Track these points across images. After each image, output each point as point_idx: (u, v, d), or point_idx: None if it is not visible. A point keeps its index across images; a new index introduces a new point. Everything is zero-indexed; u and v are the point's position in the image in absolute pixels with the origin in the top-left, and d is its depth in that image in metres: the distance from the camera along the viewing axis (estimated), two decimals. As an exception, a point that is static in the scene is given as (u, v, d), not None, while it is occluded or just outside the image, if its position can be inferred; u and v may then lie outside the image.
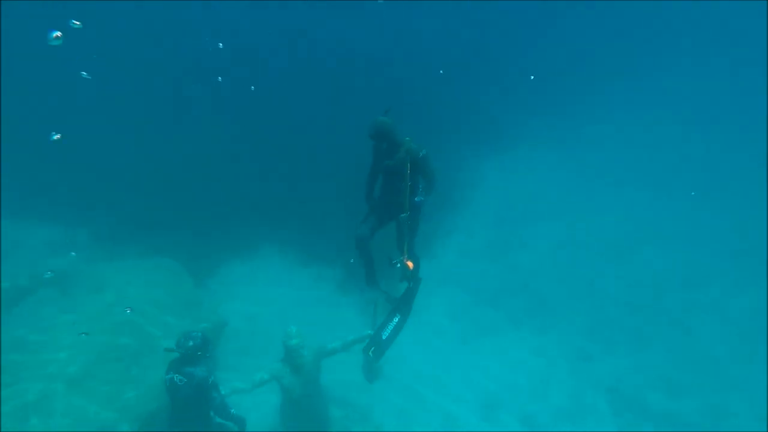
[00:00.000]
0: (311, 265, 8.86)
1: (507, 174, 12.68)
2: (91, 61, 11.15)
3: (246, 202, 9.52)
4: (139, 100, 10.67)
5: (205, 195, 9.29)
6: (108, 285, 6.52)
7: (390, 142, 4.44)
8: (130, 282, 6.61)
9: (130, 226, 8.48)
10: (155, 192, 9.02)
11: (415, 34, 13.72)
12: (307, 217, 9.43)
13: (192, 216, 8.84)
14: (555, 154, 13.42)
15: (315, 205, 9.57)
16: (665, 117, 14.79)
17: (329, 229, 9.01)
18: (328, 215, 9.17)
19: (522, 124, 13.64)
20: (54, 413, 4.73)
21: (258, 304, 7.85)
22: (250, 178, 10.01)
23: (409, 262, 4.56)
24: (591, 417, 7.36)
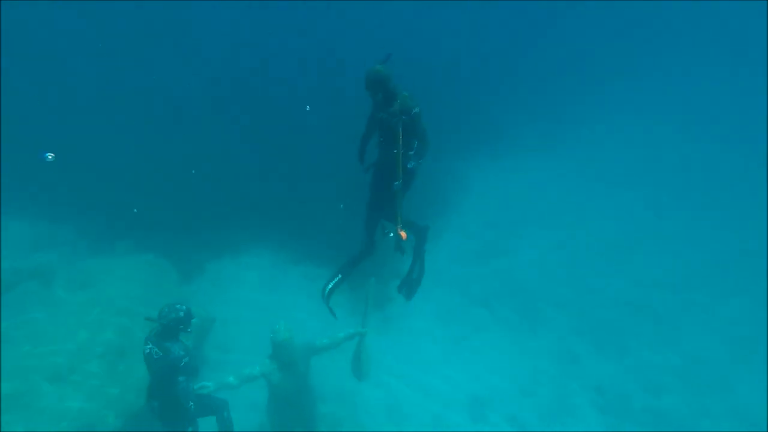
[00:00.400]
0: (302, 264, 8.80)
1: (500, 176, 12.76)
2: (84, 58, 11.10)
3: (237, 199, 9.45)
4: (130, 96, 10.60)
5: (195, 191, 9.18)
6: (92, 281, 6.44)
7: (385, 92, 4.22)
8: (114, 278, 6.52)
9: (117, 222, 8.36)
10: (145, 188, 8.92)
11: (413, 35, 13.77)
12: (299, 216, 9.37)
13: (181, 213, 8.74)
14: (548, 157, 13.53)
15: (307, 204, 9.53)
16: (660, 120, 14.99)
17: (321, 228, 8.99)
18: (320, 214, 9.14)
19: (516, 126, 13.76)
20: (34, 408, 4.62)
21: (247, 301, 7.76)
22: (241, 175, 9.94)
23: (403, 232, 4.45)
24: (578, 417, 7.40)
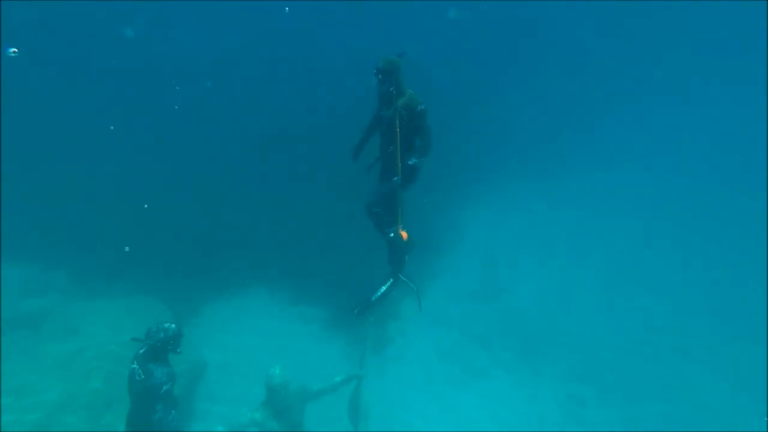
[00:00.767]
0: (300, 304, 8.67)
1: (496, 217, 12.84)
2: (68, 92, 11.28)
3: (235, 239, 9.40)
4: (121, 138, 10.63)
5: (192, 232, 9.16)
6: (82, 327, 6.31)
7: (395, 85, 4.12)
8: (106, 323, 6.40)
9: (112, 264, 8.29)
10: (140, 229, 8.89)
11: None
12: (298, 257, 9.33)
13: (177, 254, 8.70)
14: (543, 195, 13.66)
15: (306, 245, 9.51)
16: (655, 163, 15.09)
17: (320, 269, 8.94)
18: (318, 255, 9.12)
19: (511, 168, 13.93)
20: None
21: (242, 344, 7.55)
22: (239, 215, 9.95)
23: (404, 232, 4.29)
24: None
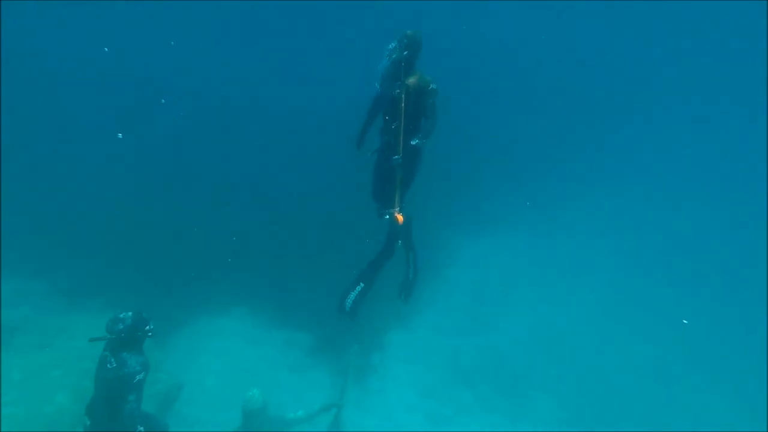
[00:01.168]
0: (284, 329, 8.51)
1: (489, 248, 12.90)
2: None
3: (218, 257, 9.29)
4: (103, 151, 10.55)
5: (173, 250, 9.00)
6: (57, 341, 6.12)
7: (414, 58, 4.05)
8: (82, 338, 6.19)
9: (92, 279, 8.12)
10: (121, 245, 8.76)
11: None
12: (284, 277, 9.24)
13: (159, 272, 8.54)
14: (534, 237, 13.71)
15: (293, 265, 9.45)
16: (645, 199, 15.01)
17: (307, 291, 8.83)
18: (306, 276, 9.05)
19: (503, 206, 14.06)
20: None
21: (221, 367, 7.34)
22: (223, 232, 9.87)
23: (400, 215, 4.12)
24: None
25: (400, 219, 4.10)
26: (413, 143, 4.12)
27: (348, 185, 10.62)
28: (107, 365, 3.66)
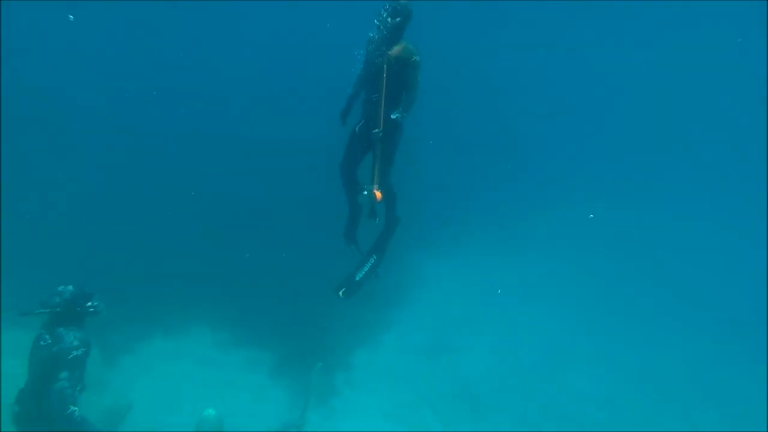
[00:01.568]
0: (246, 347, 8.22)
1: (451, 274, 13.02)
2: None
3: (178, 270, 8.90)
4: (63, 163, 10.14)
5: (129, 262, 8.59)
6: (3, 358, 5.66)
7: (402, 29, 3.93)
8: (18, 356, 5.76)
9: (39, 292, 7.58)
10: (72, 256, 8.26)
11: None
12: (249, 293, 9.00)
13: (111, 286, 8.06)
14: (506, 260, 13.83)
15: (259, 281, 9.23)
16: (613, 230, 15.00)
17: (273, 309, 8.62)
18: (272, 293, 8.85)
19: (473, 231, 14.21)
20: None
21: (176, 384, 6.97)
22: (184, 244, 9.52)
23: (378, 192, 3.97)
24: None
25: (378, 196, 3.98)
26: (393, 117, 3.96)
27: (313, 201, 10.65)
28: (40, 343, 3.31)
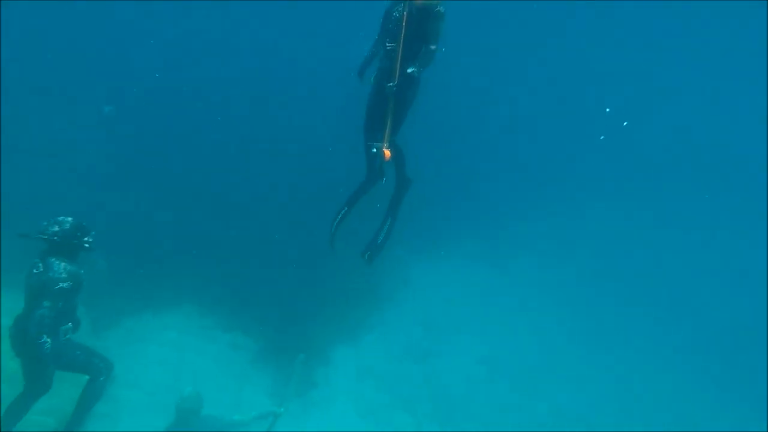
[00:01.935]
0: (232, 331, 8.35)
1: (437, 278, 13.16)
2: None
3: (169, 251, 9.02)
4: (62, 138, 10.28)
5: (122, 239, 8.59)
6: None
7: None
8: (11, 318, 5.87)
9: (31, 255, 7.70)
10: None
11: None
12: (238, 279, 9.13)
13: (107, 260, 8.21)
14: (492, 267, 13.99)
15: (249, 268, 9.37)
16: (601, 237, 14.96)
17: (261, 296, 8.74)
18: (256, 285, 8.98)
19: (459, 236, 14.36)
20: None
21: (159, 363, 7.09)
22: (176, 226, 9.63)
23: (387, 150, 3.83)
24: None
25: (387, 155, 3.85)
26: (409, 71, 3.79)
27: (308, 187, 10.80)
28: (33, 270, 3.39)
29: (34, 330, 3.20)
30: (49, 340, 3.23)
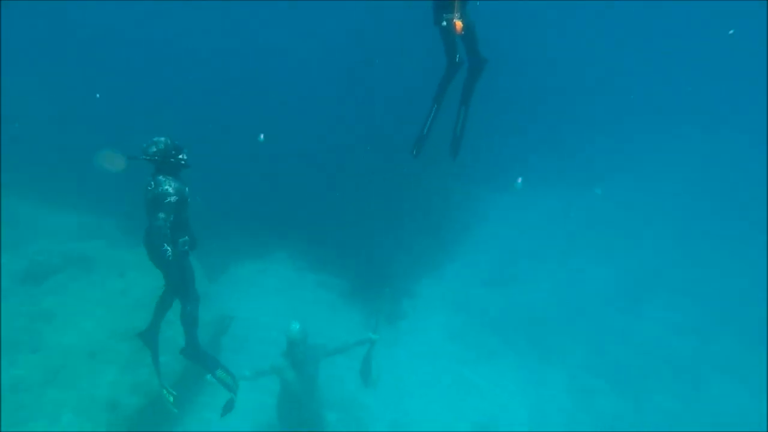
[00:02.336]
0: (319, 272, 9.15)
1: (517, 205, 12.84)
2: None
3: (262, 206, 9.91)
4: (164, 104, 11.27)
5: (225, 198, 9.65)
6: (127, 271, 6.95)
7: None
8: (147, 271, 7.00)
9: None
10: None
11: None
12: (321, 226, 9.79)
13: (211, 217, 9.26)
14: (569, 190, 13.44)
15: (328, 215, 9.95)
16: (683, 165, 14.63)
17: (339, 240, 9.32)
18: (339, 225, 9.51)
19: (539, 156, 13.73)
20: (68, 383, 5.04)
21: (264, 303, 8.13)
22: (267, 184, 10.45)
23: (459, 22, 3.68)
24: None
25: (458, 26, 3.68)
26: None
27: (385, 140, 10.85)
28: (147, 188, 3.77)
29: (156, 240, 3.60)
30: (170, 248, 3.62)
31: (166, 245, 3.58)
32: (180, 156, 3.86)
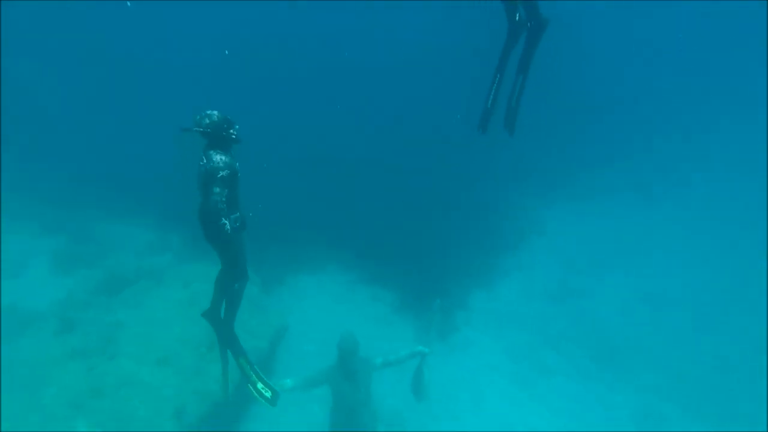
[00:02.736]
0: (371, 285, 9.19)
1: (576, 218, 12.25)
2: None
3: (317, 221, 10.22)
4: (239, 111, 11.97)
5: (280, 213, 10.08)
6: (192, 282, 7.37)
7: None
8: (210, 281, 7.40)
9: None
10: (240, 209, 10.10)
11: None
12: (372, 240, 9.90)
13: (267, 231, 9.68)
14: (634, 203, 12.68)
15: (380, 229, 10.04)
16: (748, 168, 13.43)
17: (392, 253, 9.34)
18: (391, 239, 9.54)
19: (598, 172, 13.15)
20: (135, 389, 5.37)
21: (317, 314, 8.27)
22: (322, 199, 10.75)
23: None
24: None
25: None
26: None
27: (438, 153, 10.88)
28: (199, 163, 3.75)
29: (214, 215, 3.54)
30: (228, 222, 3.59)
31: (224, 219, 3.54)
32: (231, 130, 3.83)
